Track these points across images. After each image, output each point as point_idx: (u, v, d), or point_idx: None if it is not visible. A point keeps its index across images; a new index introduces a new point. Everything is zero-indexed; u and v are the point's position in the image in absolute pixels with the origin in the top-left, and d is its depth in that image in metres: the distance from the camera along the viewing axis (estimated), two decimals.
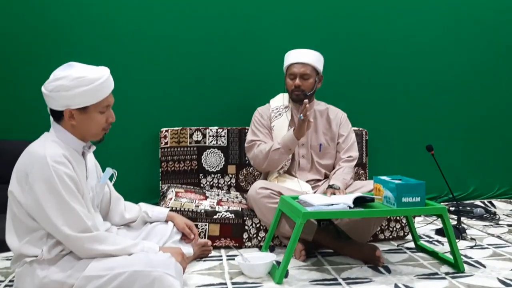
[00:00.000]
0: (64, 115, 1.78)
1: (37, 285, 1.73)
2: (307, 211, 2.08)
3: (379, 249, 2.32)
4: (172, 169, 3.17)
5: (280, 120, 2.80)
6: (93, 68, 1.82)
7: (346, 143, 2.81)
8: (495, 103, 3.70)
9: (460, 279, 2.09)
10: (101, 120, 1.82)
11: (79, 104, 1.76)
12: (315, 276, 2.14)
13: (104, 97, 1.79)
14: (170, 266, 1.74)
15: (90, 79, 1.75)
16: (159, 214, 2.23)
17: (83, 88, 1.74)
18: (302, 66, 2.72)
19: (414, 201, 2.15)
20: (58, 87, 1.74)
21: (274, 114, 2.83)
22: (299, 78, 2.72)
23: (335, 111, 2.89)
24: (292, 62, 2.75)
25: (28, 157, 1.74)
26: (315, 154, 2.80)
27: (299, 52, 2.76)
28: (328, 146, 2.81)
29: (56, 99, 1.75)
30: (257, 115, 2.88)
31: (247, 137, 2.86)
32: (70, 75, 1.74)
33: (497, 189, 3.71)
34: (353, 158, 2.79)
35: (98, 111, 1.81)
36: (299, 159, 2.78)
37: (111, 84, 1.84)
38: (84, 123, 1.80)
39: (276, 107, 2.86)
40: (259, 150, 2.70)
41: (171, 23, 3.30)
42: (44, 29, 3.17)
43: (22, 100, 3.16)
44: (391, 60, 3.54)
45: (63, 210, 1.69)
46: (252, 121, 2.89)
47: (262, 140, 2.76)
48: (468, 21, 3.62)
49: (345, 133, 2.83)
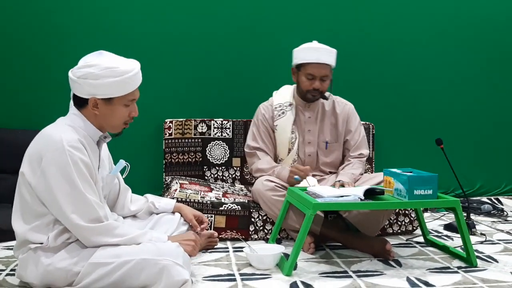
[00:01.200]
0: (89, 103, 1.74)
1: (41, 273, 1.69)
2: (318, 202, 2.04)
3: (389, 242, 2.27)
4: (176, 160, 3.12)
5: (284, 119, 2.65)
6: (124, 59, 1.78)
7: (355, 139, 2.69)
8: (504, 100, 3.66)
9: (473, 273, 2.04)
10: (124, 113, 1.79)
11: (105, 94, 1.72)
12: (324, 269, 2.09)
13: (131, 91, 1.76)
14: (179, 256, 1.70)
15: (121, 70, 1.71)
16: (166, 205, 2.19)
17: (113, 79, 1.70)
18: (323, 68, 2.51)
19: (426, 194, 2.10)
20: (87, 74, 1.69)
21: (277, 113, 2.67)
22: (319, 80, 2.54)
23: (342, 104, 2.75)
24: (311, 62, 2.51)
25: (43, 140, 1.70)
26: (321, 152, 2.71)
27: (318, 52, 2.51)
28: (333, 144, 2.71)
29: (83, 85, 1.71)
30: (259, 116, 2.70)
31: (247, 140, 2.72)
32: (101, 64, 1.70)
33: (504, 186, 3.67)
34: (364, 156, 2.68)
35: (123, 104, 1.77)
36: (305, 157, 2.70)
37: (140, 79, 1.80)
38: (107, 114, 1.76)
39: (280, 104, 2.69)
40: (257, 168, 2.61)
41: (177, 15, 3.25)
42: (46, 19, 3.12)
43: (20, 88, 3.11)
44: (399, 53, 3.50)
45: (74, 197, 1.65)
46: (254, 121, 2.73)
47: (263, 149, 2.64)
48: (481, 16, 3.58)
49: (353, 128, 2.71)
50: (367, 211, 2.39)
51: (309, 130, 2.68)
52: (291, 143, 2.65)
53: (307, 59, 2.53)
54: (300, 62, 2.56)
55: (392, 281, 1.94)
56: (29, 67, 3.11)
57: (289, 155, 2.66)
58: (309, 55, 2.52)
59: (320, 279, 1.96)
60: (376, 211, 2.40)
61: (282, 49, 3.32)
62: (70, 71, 1.74)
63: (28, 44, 3.12)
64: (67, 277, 1.69)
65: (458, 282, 1.93)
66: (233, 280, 1.93)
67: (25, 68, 3.12)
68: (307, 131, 2.68)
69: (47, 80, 3.08)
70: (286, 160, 2.67)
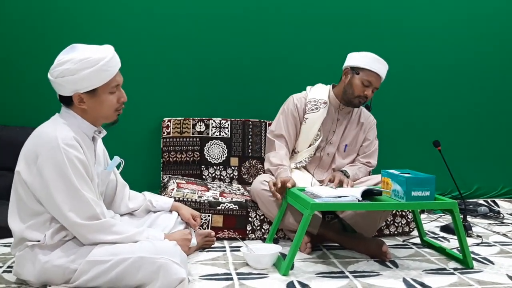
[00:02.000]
0: (74, 100, 1.72)
1: (38, 270, 1.69)
2: (315, 202, 2.04)
3: (385, 244, 2.27)
4: (174, 159, 3.12)
5: (316, 115, 2.63)
6: (96, 47, 1.74)
7: (369, 148, 2.74)
8: (501, 103, 3.67)
9: (469, 274, 2.05)
10: (112, 101, 1.76)
11: (87, 87, 1.70)
12: (321, 269, 2.10)
13: (111, 77, 1.73)
14: (176, 254, 1.70)
15: (95, 59, 1.68)
16: (164, 204, 2.19)
17: (89, 69, 1.67)
18: (379, 81, 2.54)
19: (423, 195, 2.10)
20: (63, 72, 1.67)
21: (311, 107, 2.65)
22: (371, 90, 2.54)
23: (367, 115, 2.78)
24: (375, 71, 2.51)
25: (38, 139, 1.69)
26: (338, 154, 2.73)
27: (382, 65, 2.54)
28: (352, 148, 2.74)
29: (63, 84, 1.70)
30: (291, 105, 2.67)
31: (272, 126, 2.72)
32: (74, 58, 1.67)
33: (500, 188, 3.68)
34: (372, 165, 2.73)
35: (108, 92, 1.74)
36: (324, 156, 2.69)
37: (118, 63, 1.76)
38: (95, 106, 1.74)
39: (314, 99, 2.67)
40: (268, 158, 2.61)
41: (176, 14, 3.25)
42: (41, 16, 3.11)
43: (18, 86, 3.11)
44: (397, 54, 3.49)
45: (71, 195, 1.64)
46: (283, 109, 2.70)
47: (284, 138, 2.64)
48: (479, 17, 3.58)
49: (371, 138, 2.75)
50: (364, 212, 2.40)
51: (334, 131, 2.69)
52: (314, 139, 2.66)
53: (371, 67, 2.52)
54: (363, 66, 2.53)
55: (389, 282, 1.95)
56: (28, 64, 3.10)
57: (308, 149, 2.66)
58: (374, 64, 2.52)
59: (316, 279, 1.96)
60: (373, 212, 2.40)
61: (282, 49, 3.34)
62: (48, 73, 1.72)
63: (27, 42, 3.11)
64: (64, 275, 1.69)
65: (454, 284, 1.93)
66: (230, 280, 1.93)
67: (24, 65, 3.11)
68: (331, 132, 2.69)
69: (46, 77, 3.06)
70: (302, 154, 2.68)
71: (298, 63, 3.36)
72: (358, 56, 2.58)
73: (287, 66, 3.18)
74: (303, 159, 2.66)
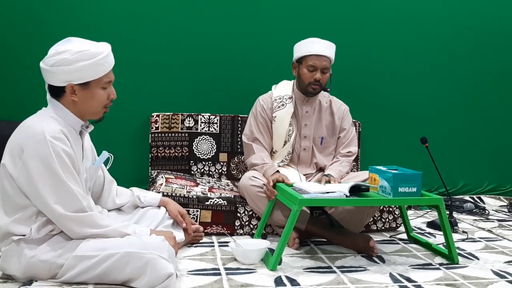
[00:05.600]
0: (66, 91, 1.73)
1: (24, 265, 1.68)
2: (303, 198, 2.05)
3: (372, 239, 2.29)
4: (162, 155, 3.11)
5: (283, 112, 2.67)
6: (94, 42, 1.78)
7: (347, 137, 2.75)
8: (488, 101, 3.70)
9: (455, 270, 2.07)
10: (103, 96, 1.78)
11: (80, 79, 1.71)
12: (309, 264, 2.11)
13: (106, 72, 1.76)
14: (164, 249, 1.70)
15: (93, 52, 1.71)
16: (152, 199, 2.19)
17: (85, 62, 1.69)
18: (324, 60, 2.56)
19: (410, 191, 2.13)
20: (59, 61, 1.68)
21: (277, 104, 2.69)
22: (320, 72, 2.58)
23: (338, 103, 2.80)
24: (313, 53, 2.55)
25: (24, 132, 1.68)
26: (316, 148, 2.74)
27: (320, 44, 2.58)
28: (329, 140, 2.75)
29: (57, 73, 1.70)
30: (258, 107, 2.71)
31: (245, 130, 2.74)
32: (72, 49, 1.70)
33: (486, 185, 3.72)
34: (352, 154, 2.74)
35: (100, 87, 1.76)
36: (300, 151, 2.71)
37: (112, 60, 1.80)
38: (86, 99, 1.75)
39: (280, 97, 2.71)
40: (251, 162, 2.63)
41: (166, 11, 3.23)
42: (34, 9, 3.07)
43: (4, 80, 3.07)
44: (385, 51, 3.52)
45: (57, 188, 1.63)
46: (252, 111, 2.75)
47: (259, 141, 2.66)
48: (466, 16, 3.61)
49: (347, 126, 2.76)
50: (352, 208, 2.42)
51: (306, 124, 2.70)
52: (288, 136, 2.67)
53: (308, 51, 2.57)
54: (302, 55, 2.60)
55: (375, 276, 1.97)
56: (14, 57, 3.06)
57: (284, 147, 2.67)
58: (310, 48, 2.57)
59: (304, 274, 1.98)
60: (360, 208, 2.42)
61: (271, 45, 3.34)
62: (41, 62, 1.73)
63: (12, 34, 3.07)
64: (50, 270, 1.68)
65: (440, 279, 1.96)
66: (218, 275, 1.93)
67: (8, 58, 3.07)
68: (304, 125, 2.70)
69: (31, 70, 3.02)
70: (281, 153, 2.69)
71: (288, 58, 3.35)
72: (297, 47, 2.66)
73: (277, 62, 3.16)
74: (283, 158, 2.67)
